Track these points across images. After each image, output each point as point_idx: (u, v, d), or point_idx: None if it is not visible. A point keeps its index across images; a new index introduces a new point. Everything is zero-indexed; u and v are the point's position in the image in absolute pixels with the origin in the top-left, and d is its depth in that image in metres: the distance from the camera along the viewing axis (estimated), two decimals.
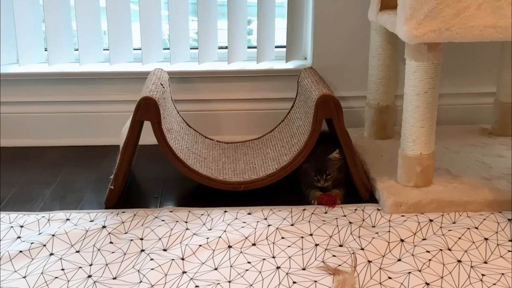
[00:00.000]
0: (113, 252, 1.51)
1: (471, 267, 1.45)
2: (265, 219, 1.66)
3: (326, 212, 1.70)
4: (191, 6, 2.26)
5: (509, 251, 1.50)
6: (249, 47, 2.34)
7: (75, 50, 2.30)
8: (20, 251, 1.50)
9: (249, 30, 2.39)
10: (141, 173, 2.01)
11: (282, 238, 1.56)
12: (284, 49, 2.28)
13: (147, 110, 1.71)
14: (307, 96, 1.89)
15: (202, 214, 1.69)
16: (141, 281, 1.40)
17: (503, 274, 1.42)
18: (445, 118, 2.24)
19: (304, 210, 1.70)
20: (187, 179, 1.79)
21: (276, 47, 2.34)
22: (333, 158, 1.76)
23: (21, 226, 1.62)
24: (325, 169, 1.75)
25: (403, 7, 1.58)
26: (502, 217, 1.65)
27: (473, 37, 1.58)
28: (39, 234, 1.58)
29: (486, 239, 1.55)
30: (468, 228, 1.59)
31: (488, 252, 1.50)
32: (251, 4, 2.27)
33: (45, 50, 2.27)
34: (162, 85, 1.89)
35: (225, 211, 1.70)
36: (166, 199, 1.82)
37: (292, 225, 1.62)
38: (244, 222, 1.63)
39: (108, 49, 2.24)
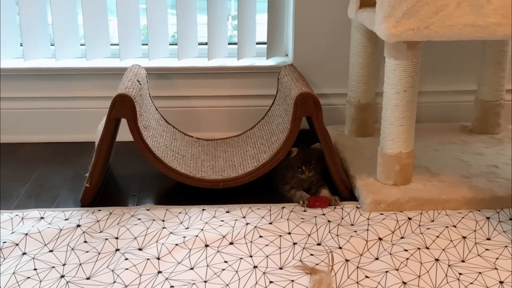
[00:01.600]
0: (87, 252, 1.49)
1: (449, 266, 1.44)
2: (244, 217, 1.64)
3: (305, 210, 1.69)
4: (170, 0, 2.23)
5: (487, 249, 1.50)
6: (230, 44, 2.32)
7: (51, 45, 2.26)
8: None
9: (235, 26, 2.35)
10: (119, 170, 1.98)
11: (260, 236, 1.55)
12: (265, 46, 2.26)
13: (123, 107, 1.69)
14: (286, 94, 1.87)
15: (179, 213, 1.67)
16: (115, 281, 1.37)
17: (480, 273, 1.42)
18: (426, 116, 2.24)
19: (283, 208, 1.69)
20: (166, 176, 1.76)
21: (257, 43, 2.32)
22: (314, 148, 1.77)
23: None
24: (310, 159, 1.76)
25: (382, 5, 1.57)
26: (481, 215, 1.65)
27: (452, 36, 1.58)
28: (12, 233, 1.55)
29: (464, 237, 1.55)
30: (447, 227, 1.58)
31: (466, 251, 1.50)
32: None
33: (21, 45, 2.23)
34: (139, 81, 1.86)
35: (203, 209, 1.67)
36: (144, 197, 1.79)
37: (270, 223, 1.60)
38: (222, 221, 1.61)
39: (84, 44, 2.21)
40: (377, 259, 1.47)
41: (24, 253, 1.48)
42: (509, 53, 2.03)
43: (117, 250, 1.49)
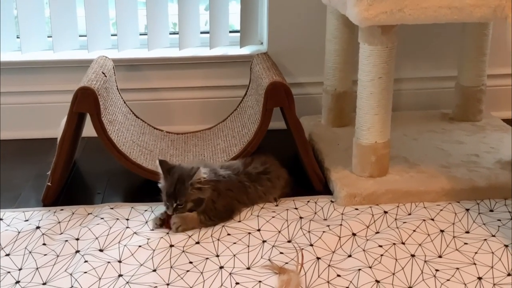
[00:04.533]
0: (45, 255, 1.41)
1: (425, 261, 1.37)
2: None
3: (277, 205, 1.61)
4: None
5: (465, 243, 1.43)
6: (202, 32, 2.23)
7: (17, 37, 2.17)
8: None
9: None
10: (85, 167, 1.91)
11: (228, 234, 1.47)
12: (239, 34, 2.18)
13: (85, 101, 1.61)
14: (258, 84, 1.79)
15: (145, 210, 1.60)
16: (72, 286, 1.30)
17: (458, 268, 1.35)
18: (404, 103, 2.17)
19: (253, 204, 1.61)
20: (134, 173, 1.69)
21: (231, 32, 2.24)
22: (194, 183, 1.45)
23: None
24: (177, 196, 1.46)
25: None
26: (460, 207, 1.58)
27: (427, 19, 1.50)
28: None
29: (442, 231, 1.48)
30: (424, 220, 1.51)
31: (444, 245, 1.43)
32: None
33: None
34: (104, 73, 1.78)
35: None
36: (110, 195, 1.72)
37: (239, 221, 1.53)
38: None
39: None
40: (350, 256, 1.40)
41: None
42: (490, 37, 1.96)
43: (77, 252, 1.42)
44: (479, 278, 1.32)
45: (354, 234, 1.47)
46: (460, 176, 1.66)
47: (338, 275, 1.33)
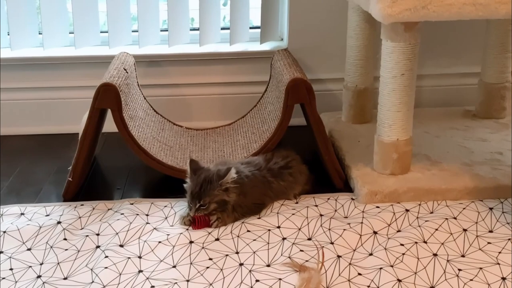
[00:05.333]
0: (66, 250, 1.42)
1: (447, 261, 1.36)
2: None
3: (297, 202, 1.60)
4: None
5: (489, 243, 1.41)
6: (222, 29, 2.23)
7: (39, 34, 2.18)
8: None
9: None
10: (105, 162, 1.91)
11: (248, 231, 1.47)
12: (259, 30, 2.17)
13: (107, 96, 1.62)
14: (279, 80, 1.78)
15: (165, 206, 1.59)
16: (93, 281, 1.30)
17: (481, 268, 1.33)
18: (427, 100, 2.14)
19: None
20: (153, 169, 1.69)
21: (251, 28, 2.23)
22: (224, 183, 1.45)
23: None
24: (201, 196, 1.45)
25: None
26: (483, 205, 1.56)
27: (451, 15, 1.48)
28: None
29: (465, 230, 1.46)
30: (446, 219, 1.49)
31: (467, 245, 1.41)
32: None
33: (8, 35, 2.15)
34: (125, 70, 1.79)
35: None
36: (130, 190, 1.72)
37: (259, 218, 1.52)
38: None
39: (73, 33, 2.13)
40: (371, 254, 1.38)
41: (0, 252, 1.41)
42: None
43: (98, 247, 1.42)
44: (503, 279, 1.30)
45: (375, 232, 1.46)
46: (484, 174, 1.64)
47: (359, 274, 1.32)
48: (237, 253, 1.39)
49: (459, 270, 1.33)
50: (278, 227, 1.48)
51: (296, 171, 1.62)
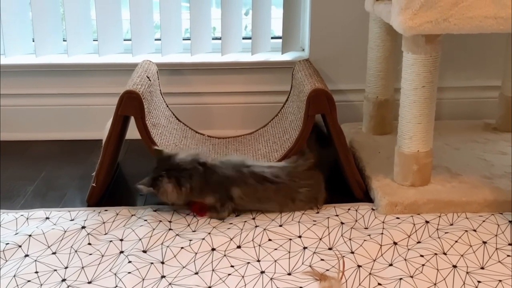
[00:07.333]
0: (90, 254, 1.44)
1: (467, 273, 1.36)
2: (253, 219, 1.58)
3: (317, 212, 1.62)
4: None
5: (508, 255, 1.42)
6: (244, 38, 2.26)
7: (63, 40, 2.23)
8: None
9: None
10: (128, 169, 1.94)
11: (269, 240, 1.48)
12: (281, 40, 2.19)
13: (130, 104, 1.64)
14: (300, 90, 1.80)
15: (187, 214, 1.62)
16: (116, 286, 1.33)
17: (500, 281, 1.34)
18: (447, 112, 2.15)
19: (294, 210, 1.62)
20: None
21: (273, 38, 2.26)
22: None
23: None
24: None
25: None
26: (503, 218, 1.56)
27: (472, 29, 1.49)
28: (16, 234, 1.52)
29: (484, 242, 1.47)
30: (466, 231, 1.50)
31: (486, 257, 1.42)
32: None
33: (33, 41, 2.20)
34: (148, 77, 1.82)
35: None
36: (152, 197, 1.74)
37: (280, 226, 1.54)
38: (231, 223, 1.56)
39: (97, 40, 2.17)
40: (391, 265, 1.39)
41: (26, 255, 1.44)
42: None
43: (121, 252, 1.45)
44: None
45: (395, 243, 1.47)
46: (503, 187, 1.64)
47: (379, 284, 1.33)
48: (258, 261, 1.41)
49: (479, 282, 1.33)
50: (299, 236, 1.49)
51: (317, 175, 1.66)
